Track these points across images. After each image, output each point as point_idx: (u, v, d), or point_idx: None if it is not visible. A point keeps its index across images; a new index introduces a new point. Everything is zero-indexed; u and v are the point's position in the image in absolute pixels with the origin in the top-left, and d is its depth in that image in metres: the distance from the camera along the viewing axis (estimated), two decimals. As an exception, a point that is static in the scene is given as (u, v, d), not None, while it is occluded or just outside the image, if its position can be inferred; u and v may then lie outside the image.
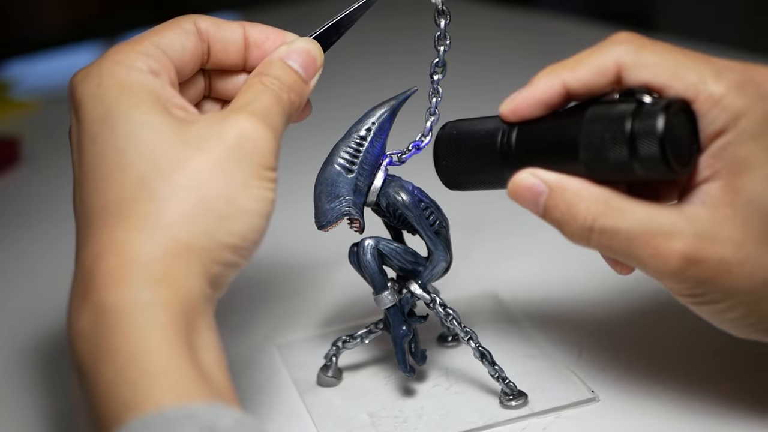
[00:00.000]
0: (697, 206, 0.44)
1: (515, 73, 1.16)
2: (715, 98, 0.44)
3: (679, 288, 0.45)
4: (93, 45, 1.43)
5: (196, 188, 0.42)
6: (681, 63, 0.46)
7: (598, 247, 0.46)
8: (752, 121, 0.44)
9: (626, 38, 0.47)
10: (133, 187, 0.41)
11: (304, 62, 0.49)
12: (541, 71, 0.48)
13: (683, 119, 0.44)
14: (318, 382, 0.57)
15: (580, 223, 0.45)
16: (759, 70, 0.47)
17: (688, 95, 0.45)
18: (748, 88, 0.45)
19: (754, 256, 0.43)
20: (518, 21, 1.34)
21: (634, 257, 0.44)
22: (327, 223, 0.52)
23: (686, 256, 0.43)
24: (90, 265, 0.41)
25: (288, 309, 0.65)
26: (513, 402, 0.53)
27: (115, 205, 0.41)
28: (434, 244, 0.53)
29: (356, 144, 0.52)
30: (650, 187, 0.49)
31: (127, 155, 0.42)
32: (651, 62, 0.46)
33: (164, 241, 0.41)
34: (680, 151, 0.44)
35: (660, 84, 0.45)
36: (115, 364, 0.38)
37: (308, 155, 0.56)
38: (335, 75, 1.20)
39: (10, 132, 1.02)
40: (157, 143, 0.42)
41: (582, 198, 0.45)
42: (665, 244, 0.43)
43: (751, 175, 0.44)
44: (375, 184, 0.53)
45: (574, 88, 0.47)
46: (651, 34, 0.49)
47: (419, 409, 0.54)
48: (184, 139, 0.42)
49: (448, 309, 0.54)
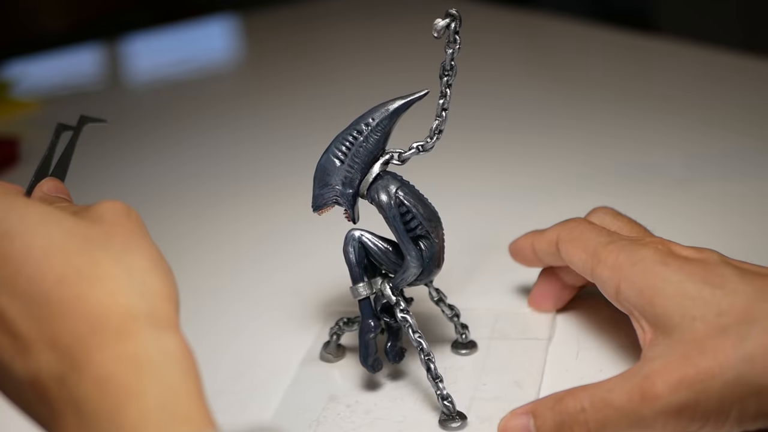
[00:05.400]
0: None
1: (515, 74, 1.17)
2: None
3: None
4: (93, 45, 1.43)
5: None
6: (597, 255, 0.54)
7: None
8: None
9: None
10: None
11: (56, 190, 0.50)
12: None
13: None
14: (320, 357, 0.59)
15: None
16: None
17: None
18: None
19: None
20: (518, 21, 1.35)
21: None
22: (316, 207, 0.54)
23: (674, 382, 0.47)
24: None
25: (276, 307, 0.65)
26: (451, 423, 0.52)
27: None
28: (406, 249, 0.53)
29: (352, 137, 0.53)
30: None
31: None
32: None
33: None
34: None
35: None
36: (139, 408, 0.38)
37: (294, 156, 0.56)
38: (324, 74, 1.20)
39: (10, 132, 1.02)
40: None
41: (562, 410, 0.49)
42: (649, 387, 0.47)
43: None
44: (367, 178, 0.53)
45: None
46: (651, 34, 0.49)
47: (371, 405, 0.54)
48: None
49: (407, 317, 0.53)
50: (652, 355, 0.48)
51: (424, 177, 0.56)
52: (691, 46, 1.12)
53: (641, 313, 0.51)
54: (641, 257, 0.52)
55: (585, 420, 0.48)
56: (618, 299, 0.53)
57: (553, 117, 0.98)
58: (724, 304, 0.48)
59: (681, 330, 0.48)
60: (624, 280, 0.52)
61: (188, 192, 0.88)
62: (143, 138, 1.04)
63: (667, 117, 0.94)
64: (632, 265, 0.52)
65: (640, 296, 0.51)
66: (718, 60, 1.08)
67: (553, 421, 0.49)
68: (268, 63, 1.28)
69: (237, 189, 0.88)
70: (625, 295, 0.52)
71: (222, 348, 0.61)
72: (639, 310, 0.51)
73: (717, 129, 0.89)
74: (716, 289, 0.48)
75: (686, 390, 0.46)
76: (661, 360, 0.48)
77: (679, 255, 0.51)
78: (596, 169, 0.82)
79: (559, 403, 0.49)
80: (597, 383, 0.49)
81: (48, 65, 1.37)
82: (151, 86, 1.29)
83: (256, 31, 1.42)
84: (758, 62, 1.04)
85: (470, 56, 1.16)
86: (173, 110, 1.14)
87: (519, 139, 0.93)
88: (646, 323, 0.51)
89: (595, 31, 1.24)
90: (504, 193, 0.63)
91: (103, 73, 1.37)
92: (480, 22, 1.30)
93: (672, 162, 0.83)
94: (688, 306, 0.48)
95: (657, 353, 0.48)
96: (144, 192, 0.88)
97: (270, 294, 0.68)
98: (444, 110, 0.52)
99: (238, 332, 0.63)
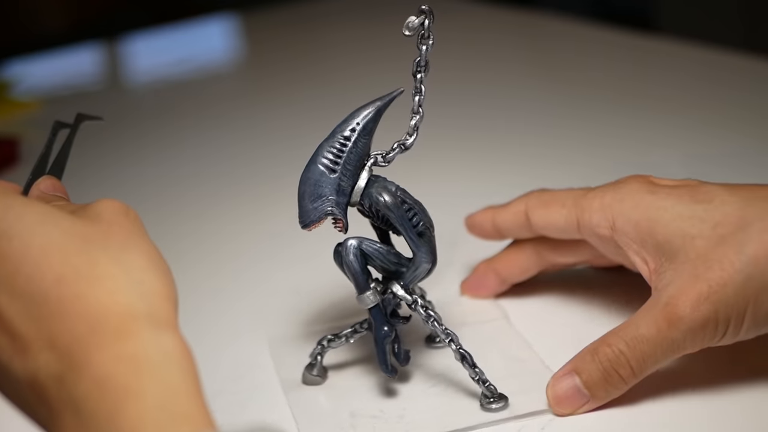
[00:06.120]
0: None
1: (515, 74, 1.17)
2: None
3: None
4: (93, 45, 1.43)
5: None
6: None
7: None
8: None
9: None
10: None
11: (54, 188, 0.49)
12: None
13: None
14: (303, 381, 0.57)
15: (628, 376, 0.51)
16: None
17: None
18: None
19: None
20: (518, 21, 1.35)
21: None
22: (310, 222, 0.52)
23: (693, 301, 0.50)
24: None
25: (275, 306, 0.65)
26: (493, 405, 0.52)
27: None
28: (417, 246, 0.53)
29: (340, 144, 0.52)
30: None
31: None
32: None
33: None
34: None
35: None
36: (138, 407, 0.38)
37: (294, 155, 0.56)
38: (325, 74, 1.20)
39: (10, 132, 1.02)
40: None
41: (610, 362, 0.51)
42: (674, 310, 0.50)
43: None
44: (359, 185, 0.53)
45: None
46: (651, 34, 0.49)
47: (401, 410, 0.54)
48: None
49: (430, 311, 0.53)
50: (664, 283, 0.51)
51: (423, 177, 0.56)
52: (691, 45, 1.12)
53: (641, 245, 0.53)
54: (627, 193, 0.54)
55: (626, 361, 0.51)
56: (614, 238, 0.55)
57: (552, 117, 0.98)
58: (718, 216, 0.51)
59: (684, 251, 0.51)
60: (618, 217, 0.54)
61: (188, 192, 0.88)
62: (143, 138, 1.04)
63: (666, 117, 0.94)
64: (621, 202, 0.54)
65: (637, 229, 0.53)
66: (718, 60, 1.08)
67: (598, 372, 0.51)
68: (268, 63, 1.28)
69: (237, 189, 0.88)
70: (622, 232, 0.54)
71: (221, 348, 0.61)
72: (639, 243, 0.53)
73: (717, 129, 0.89)
74: (707, 204, 0.52)
75: (705, 305, 0.49)
76: (674, 284, 0.51)
77: (661, 184, 0.54)
78: (596, 168, 0.82)
79: (597, 354, 0.51)
80: (622, 325, 0.52)
81: (48, 65, 1.38)
82: (151, 86, 1.29)
83: (256, 31, 1.42)
84: (758, 62, 1.04)
85: (470, 56, 1.17)
86: (173, 110, 1.14)
87: (519, 139, 0.93)
88: (648, 254, 0.53)
89: (595, 31, 1.24)
90: (504, 193, 0.63)
91: (103, 73, 1.37)
92: (480, 22, 1.30)
93: (671, 162, 0.82)
94: (686, 227, 0.52)
95: (668, 279, 0.51)
96: (144, 192, 0.88)
97: (270, 294, 0.68)
98: (420, 106, 0.52)
99: (237, 332, 0.63)
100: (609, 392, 0.52)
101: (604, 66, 1.13)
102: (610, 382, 0.51)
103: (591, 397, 0.51)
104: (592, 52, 1.17)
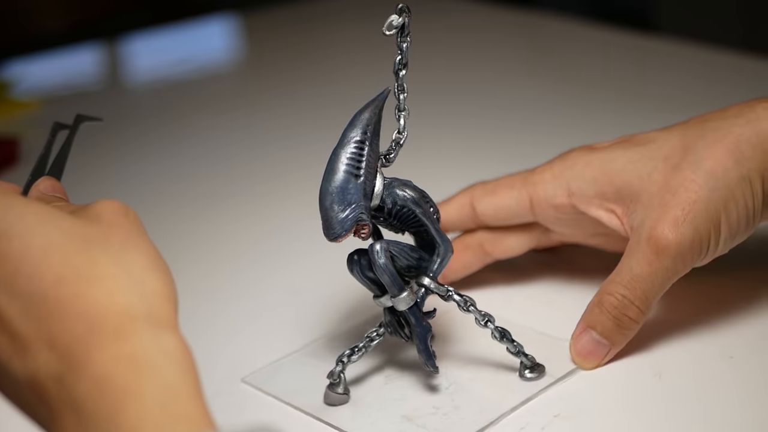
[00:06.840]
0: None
1: (516, 74, 1.17)
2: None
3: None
4: (93, 45, 1.43)
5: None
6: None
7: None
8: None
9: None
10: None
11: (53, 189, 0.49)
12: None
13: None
14: (327, 402, 0.54)
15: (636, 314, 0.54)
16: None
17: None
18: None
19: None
20: (518, 21, 1.35)
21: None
22: (343, 232, 0.51)
23: (671, 226, 0.53)
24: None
25: (275, 306, 0.65)
26: (533, 373, 0.54)
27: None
28: (441, 237, 0.53)
29: (357, 148, 0.51)
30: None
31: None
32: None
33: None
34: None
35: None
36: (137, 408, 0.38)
37: (294, 155, 0.56)
38: (324, 74, 1.20)
39: (10, 132, 1.02)
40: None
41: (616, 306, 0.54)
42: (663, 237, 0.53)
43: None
44: (378, 187, 0.52)
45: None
46: (651, 34, 0.50)
47: (450, 402, 0.53)
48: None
49: (465, 296, 0.54)
50: (638, 222, 0.54)
51: (423, 177, 0.56)
52: (691, 46, 1.12)
53: (603, 197, 0.56)
54: (574, 158, 0.58)
55: (630, 303, 0.54)
56: (572, 202, 0.57)
57: (553, 117, 0.98)
58: (665, 149, 0.55)
59: (646, 188, 0.54)
60: (572, 181, 0.57)
61: (187, 192, 0.88)
62: (143, 138, 1.04)
63: (666, 117, 0.93)
64: (572, 168, 0.57)
65: (595, 183, 0.56)
66: (717, 60, 1.08)
67: (610, 321, 0.54)
68: (268, 63, 1.28)
69: (236, 189, 0.88)
70: (580, 192, 0.57)
71: (221, 348, 0.61)
72: (600, 197, 0.56)
73: (717, 129, 0.89)
74: (651, 144, 0.56)
75: (684, 226, 0.52)
76: (649, 218, 0.53)
77: (599, 146, 0.58)
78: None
79: (603, 305, 0.54)
80: (615, 272, 0.54)
81: (48, 65, 1.37)
82: (151, 86, 1.29)
83: (256, 31, 1.42)
84: (758, 62, 1.04)
85: (470, 56, 1.17)
86: (173, 110, 1.14)
87: (519, 139, 0.93)
88: (612, 203, 0.56)
89: (595, 31, 1.24)
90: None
91: (103, 73, 1.37)
92: (480, 22, 1.30)
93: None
94: (639, 167, 0.55)
95: (641, 217, 0.54)
96: (143, 192, 0.88)
97: (269, 294, 0.68)
98: (405, 103, 0.53)
99: (237, 332, 0.63)
100: (626, 335, 0.54)
101: (603, 66, 1.13)
102: (624, 326, 0.54)
103: (611, 344, 0.54)
104: (592, 52, 1.17)
